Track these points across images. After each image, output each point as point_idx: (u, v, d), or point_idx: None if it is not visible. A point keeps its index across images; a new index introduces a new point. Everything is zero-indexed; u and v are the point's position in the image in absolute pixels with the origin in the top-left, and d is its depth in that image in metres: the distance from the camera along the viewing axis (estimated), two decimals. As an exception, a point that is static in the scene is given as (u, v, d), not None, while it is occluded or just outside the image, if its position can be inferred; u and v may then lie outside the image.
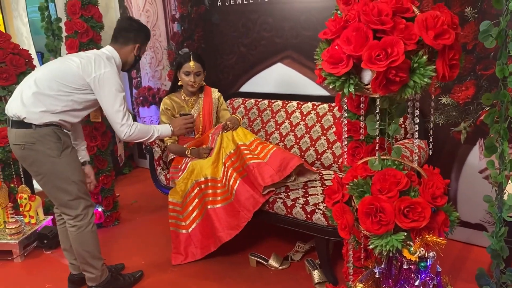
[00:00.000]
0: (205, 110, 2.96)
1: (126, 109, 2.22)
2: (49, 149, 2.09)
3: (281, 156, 2.48)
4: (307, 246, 2.64)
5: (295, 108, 3.01)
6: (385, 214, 1.25)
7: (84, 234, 2.21)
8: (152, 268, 2.60)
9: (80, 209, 2.19)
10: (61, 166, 2.12)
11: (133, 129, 2.23)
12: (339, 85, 1.23)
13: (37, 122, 2.07)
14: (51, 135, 2.10)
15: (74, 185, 2.16)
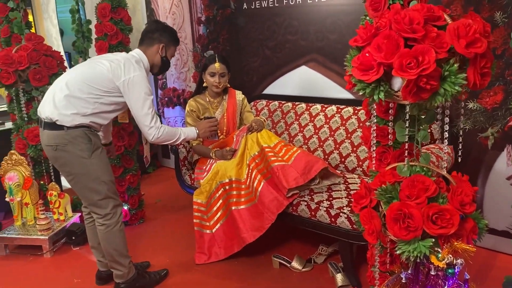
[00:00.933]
0: (229, 112, 3.01)
1: (154, 112, 2.28)
2: (80, 151, 2.16)
3: (305, 159, 2.50)
4: (330, 249, 2.65)
5: (319, 111, 3.02)
6: (413, 220, 1.26)
7: (112, 233, 2.27)
8: (177, 267, 2.65)
9: (109, 208, 2.26)
10: (92, 167, 2.19)
11: (161, 132, 2.28)
12: (369, 92, 1.25)
13: (69, 124, 2.13)
14: (82, 136, 2.16)
15: (104, 185, 2.23)
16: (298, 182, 2.42)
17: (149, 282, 2.46)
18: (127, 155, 3.21)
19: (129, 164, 3.23)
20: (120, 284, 2.37)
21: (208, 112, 2.96)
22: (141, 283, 2.42)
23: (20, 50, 2.85)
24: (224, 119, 2.99)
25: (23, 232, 2.98)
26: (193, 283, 2.50)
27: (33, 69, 2.86)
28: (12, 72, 2.81)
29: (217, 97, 3.01)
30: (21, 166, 3.00)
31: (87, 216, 2.43)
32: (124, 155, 3.20)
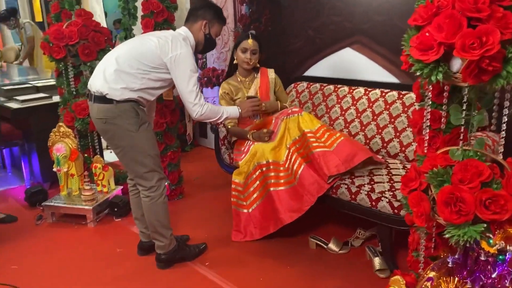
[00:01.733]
0: (262, 90, 2.99)
1: (199, 90, 2.30)
2: (129, 124, 2.23)
3: (349, 146, 2.48)
4: (368, 233, 2.65)
5: (362, 94, 2.98)
6: (465, 204, 1.25)
7: (156, 205, 2.35)
8: (214, 242, 2.72)
9: (154, 181, 2.33)
10: (139, 140, 2.26)
11: (205, 109, 2.30)
12: (426, 73, 1.23)
13: (118, 98, 2.20)
14: (130, 110, 2.23)
15: (150, 159, 2.29)
16: (340, 169, 2.41)
17: (188, 254, 2.53)
18: (168, 132, 3.28)
19: (171, 141, 3.30)
20: (161, 255, 2.45)
21: (242, 92, 2.97)
22: (181, 254, 2.50)
23: (70, 25, 2.94)
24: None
25: (69, 202, 3.12)
26: (229, 259, 2.55)
27: (82, 44, 2.95)
28: (63, 46, 2.91)
29: (248, 75, 3.01)
30: (68, 138, 3.12)
31: (132, 188, 2.51)
32: (166, 132, 3.27)
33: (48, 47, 2.95)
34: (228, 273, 2.40)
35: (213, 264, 2.49)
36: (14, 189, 3.74)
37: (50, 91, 3.87)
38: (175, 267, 2.48)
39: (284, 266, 2.45)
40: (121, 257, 2.62)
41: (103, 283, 2.35)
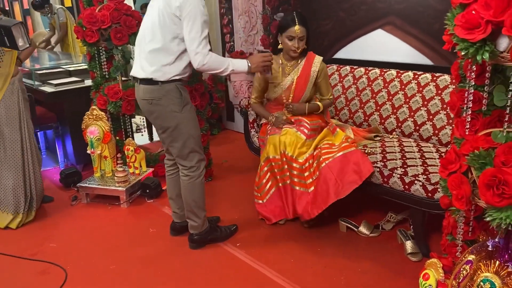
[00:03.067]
0: (300, 80, 2.75)
1: (203, 38, 2.16)
2: (173, 105, 2.26)
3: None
4: (399, 216, 2.63)
5: (394, 76, 2.93)
6: (508, 187, 1.22)
7: (194, 184, 2.41)
8: (245, 224, 2.75)
9: (195, 162, 2.38)
10: (183, 121, 2.30)
11: (207, 59, 2.17)
12: (472, 52, 1.20)
13: (163, 79, 2.22)
14: (174, 91, 2.25)
15: (192, 139, 2.34)
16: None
17: (220, 235, 2.58)
18: (198, 115, 3.29)
19: (200, 124, 3.32)
20: (193, 235, 2.50)
21: (278, 78, 2.78)
22: (213, 235, 2.55)
23: (103, 9, 2.97)
24: (292, 86, 2.76)
25: (102, 183, 3.19)
26: (260, 240, 2.58)
27: (114, 28, 2.98)
28: (96, 30, 2.95)
29: (293, 60, 2.78)
30: (101, 121, 3.19)
31: (170, 168, 2.56)
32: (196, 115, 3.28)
33: (82, 31, 3.00)
34: (259, 254, 2.43)
35: (244, 245, 2.53)
36: (49, 171, 3.86)
37: (82, 75, 3.94)
38: (207, 248, 2.52)
39: (315, 248, 2.46)
40: (154, 237, 2.68)
41: (136, 262, 2.42)
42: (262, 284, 2.19)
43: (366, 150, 2.57)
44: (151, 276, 2.29)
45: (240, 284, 2.20)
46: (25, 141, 2.84)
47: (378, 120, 2.96)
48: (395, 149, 2.56)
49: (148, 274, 2.31)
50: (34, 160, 2.92)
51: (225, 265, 2.36)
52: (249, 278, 2.24)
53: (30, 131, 2.88)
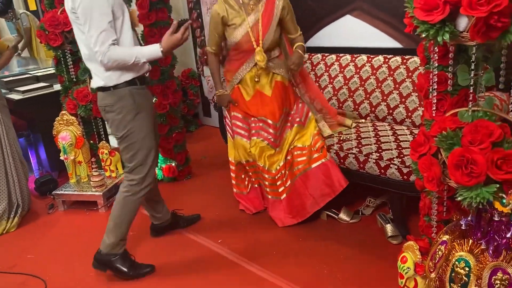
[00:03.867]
0: (264, 18, 2.50)
1: (101, 32, 1.92)
2: (125, 112, 2.08)
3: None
4: (378, 201, 2.65)
5: (365, 62, 2.94)
6: (476, 166, 1.23)
7: (128, 200, 2.21)
8: (226, 220, 2.74)
9: (139, 176, 2.18)
10: (134, 130, 2.11)
11: (108, 57, 1.95)
12: (432, 34, 1.19)
13: (112, 83, 2.06)
14: (127, 97, 2.07)
15: (142, 152, 2.15)
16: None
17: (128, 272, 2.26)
18: (172, 113, 3.26)
19: (175, 122, 3.29)
20: (100, 251, 2.27)
21: (240, 18, 2.49)
22: (119, 269, 2.26)
23: (65, 11, 2.88)
24: (258, 25, 2.49)
25: (79, 189, 3.13)
26: (242, 234, 2.57)
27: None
28: (59, 33, 2.87)
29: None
30: (73, 126, 3.12)
31: None
32: (169, 114, 3.25)
33: (44, 35, 2.91)
34: (241, 249, 2.42)
35: (226, 241, 2.51)
36: (24, 180, 3.76)
37: (50, 80, 3.84)
38: (189, 247, 2.50)
39: (297, 239, 2.46)
40: (134, 239, 2.64)
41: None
42: (246, 279, 2.18)
43: (341, 137, 2.57)
44: (133, 280, 2.26)
45: (224, 281, 2.18)
46: (5, 148, 2.77)
47: (352, 106, 2.96)
48: (369, 134, 2.56)
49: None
50: (18, 167, 2.86)
51: (208, 263, 2.34)
52: (233, 274, 2.23)
53: (11, 138, 2.82)
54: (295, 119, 2.62)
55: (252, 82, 2.60)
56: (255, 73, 2.58)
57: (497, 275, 1.24)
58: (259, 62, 2.51)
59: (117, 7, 1.99)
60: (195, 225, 2.72)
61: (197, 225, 2.72)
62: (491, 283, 1.24)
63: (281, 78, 2.62)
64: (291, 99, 2.67)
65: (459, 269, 1.29)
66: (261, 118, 2.58)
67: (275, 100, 2.58)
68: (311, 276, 2.14)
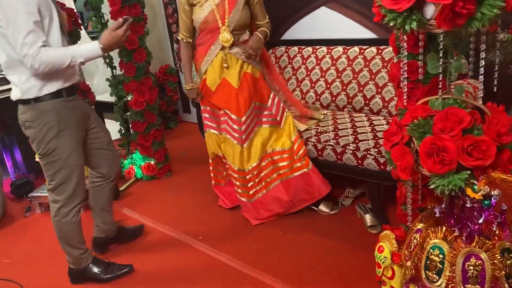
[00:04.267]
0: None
1: (29, 36, 1.71)
2: (46, 128, 1.89)
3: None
4: (357, 191, 2.66)
5: (341, 53, 2.94)
6: (447, 153, 1.24)
7: (61, 224, 2.07)
8: (207, 216, 2.72)
9: (63, 197, 2.02)
10: (55, 148, 1.93)
11: (39, 60, 1.74)
12: (400, 22, 1.19)
13: (32, 96, 1.85)
14: (49, 112, 1.88)
15: (65, 171, 1.98)
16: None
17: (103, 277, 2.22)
18: (149, 110, 3.22)
19: (152, 119, 3.24)
20: (70, 268, 2.23)
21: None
22: (95, 275, 2.21)
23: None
24: (224, 3, 2.37)
25: (56, 190, 3.07)
26: (222, 229, 2.56)
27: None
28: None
29: None
30: (47, 126, 3.04)
31: (94, 179, 2.30)
32: (146, 110, 3.21)
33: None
34: (222, 245, 2.40)
35: (206, 238, 2.49)
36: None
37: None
38: (168, 245, 2.47)
39: (277, 232, 2.46)
40: (114, 239, 2.61)
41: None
42: (227, 274, 2.17)
43: (319, 129, 2.56)
44: (111, 282, 2.22)
45: (204, 277, 2.16)
46: None
47: (329, 98, 2.96)
48: (347, 125, 2.57)
49: (109, 278, 2.25)
50: None
51: (189, 260, 2.32)
52: (214, 270, 2.21)
53: None
54: (270, 116, 2.54)
55: (220, 69, 2.47)
56: (223, 57, 2.45)
57: (470, 261, 1.25)
58: (224, 43, 2.40)
59: (44, 6, 1.78)
60: (174, 222, 2.69)
61: (177, 222, 2.69)
62: (464, 269, 1.25)
63: (251, 70, 2.49)
64: (263, 93, 2.54)
65: (434, 256, 1.30)
66: (225, 111, 2.51)
67: (241, 93, 2.45)
68: (291, 269, 2.14)
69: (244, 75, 2.48)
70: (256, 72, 2.52)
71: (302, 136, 2.54)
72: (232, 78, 2.46)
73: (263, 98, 2.54)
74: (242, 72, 2.48)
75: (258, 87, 2.53)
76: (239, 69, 2.47)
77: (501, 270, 1.24)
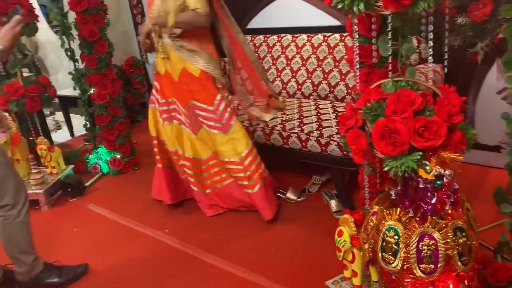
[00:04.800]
0: None
1: None
2: None
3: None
4: (323, 178, 2.67)
5: (305, 41, 2.93)
6: (399, 135, 1.24)
7: (12, 226, 1.93)
8: (172, 208, 2.69)
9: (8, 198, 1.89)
10: None
11: None
12: (348, 4, 1.18)
13: None
14: None
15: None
16: None
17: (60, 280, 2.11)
18: (112, 103, 3.15)
19: (116, 112, 3.18)
20: (22, 282, 2.07)
21: None
22: (51, 280, 2.10)
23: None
24: None
25: (18, 188, 2.98)
26: (189, 222, 2.53)
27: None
28: (-19, 24, 2.68)
29: None
30: (6, 123, 2.94)
31: None
32: (110, 103, 3.14)
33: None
34: (189, 237, 2.38)
35: (173, 231, 2.46)
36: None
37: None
38: (135, 239, 2.43)
39: (245, 222, 2.45)
40: (79, 236, 2.55)
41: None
42: (193, 266, 2.15)
43: (284, 118, 2.55)
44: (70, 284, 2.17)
45: (171, 271, 2.14)
46: None
47: (295, 86, 2.96)
48: (311, 112, 2.57)
49: (73, 276, 2.20)
50: None
51: (156, 254, 2.28)
52: (181, 262, 2.19)
53: None
54: (213, 120, 2.33)
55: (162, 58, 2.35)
56: (161, 46, 2.31)
57: (424, 240, 1.26)
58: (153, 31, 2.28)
59: None
60: (140, 216, 2.65)
61: (143, 216, 2.65)
62: (418, 249, 1.27)
63: (188, 67, 2.30)
64: (206, 93, 2.32)
65: (389, 238, 1.31)
66: (173, 100, 2.46)
67: (179, 88, 2.36)
68: (258, 258, 2.13)
69: (181, 71, 2.32)
70: (196, 71, 2.30)
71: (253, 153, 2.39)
72: (172, 70, 2.35)
73: (205, 100, 2.33)
74: (180, 67, 2.32)
75: (199, 86, 2.32)
76: (176, 62, 2.32)
77: (453, 249, 1.25)
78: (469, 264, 1.29)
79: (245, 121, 2.61)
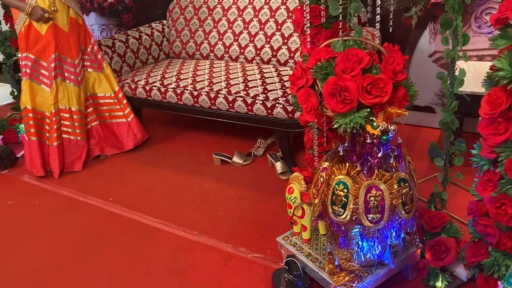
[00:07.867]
0: None
1: None
2: None
3: None
4: (268, 141, 2.72)
5: (247, 3, 2.90)
6: (349, 92, 1.29)
7: None
8: (115, 175, 2.62)
9: None
10: None
11: None
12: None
13: None
14: None
15: None
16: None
17: None
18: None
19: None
20: None
21: None
22: None
23: None
24: None
25: None
26: (133, 189, 2.48)
27: None
28: None
29: None
30: None
31: None
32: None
33: None
34: (134, 204, 2.34)
35: (118, 199, 2.40)
36: None
37: None
38: (77, 210, 2.35)
39: (192, 187, 2.45)
40: (15, 209, 2.42)
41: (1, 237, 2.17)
42: (141, 232, 2.12)
43: (229, 81, 2.54)
44: (20, 249, 2.07)
45: (118, 238, 2.10)
46: None
47: (238, 50, 2.94)
48: (256, 76, 2.58)
49: (18, 247, 2.08)
50: None
51: (102, 223, 2.23)
52: (128, 228, 2.15)
53: None
54: (90, 61, 2.71)
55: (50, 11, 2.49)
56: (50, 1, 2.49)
57: (371, 192, 1.34)
58: None
59: None
60: (83, 186, 2.56)
61: (85, 186, 2.56)
62: (366, 200, 1.34)
63: (75, 15, 2.61)
64: (86, 37, 2.69)
65: (339, 191, 1.38)
66: (58, 55, 2.56)
67: (71, 37, 2.59)
68: (207, 220, 2.15)
69: (70, 20, 2.58)
70: (79, 18, 2.64)
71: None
72: (62, 22, 2.54)
73: (86, 42, 2.69)
74: (69, 17, 2.57)
75: (82, 32, 2.66)
76: (66, 13, 2.55)
77: (398, 199, 1.35)
78: (411, 212, 1.39)
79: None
